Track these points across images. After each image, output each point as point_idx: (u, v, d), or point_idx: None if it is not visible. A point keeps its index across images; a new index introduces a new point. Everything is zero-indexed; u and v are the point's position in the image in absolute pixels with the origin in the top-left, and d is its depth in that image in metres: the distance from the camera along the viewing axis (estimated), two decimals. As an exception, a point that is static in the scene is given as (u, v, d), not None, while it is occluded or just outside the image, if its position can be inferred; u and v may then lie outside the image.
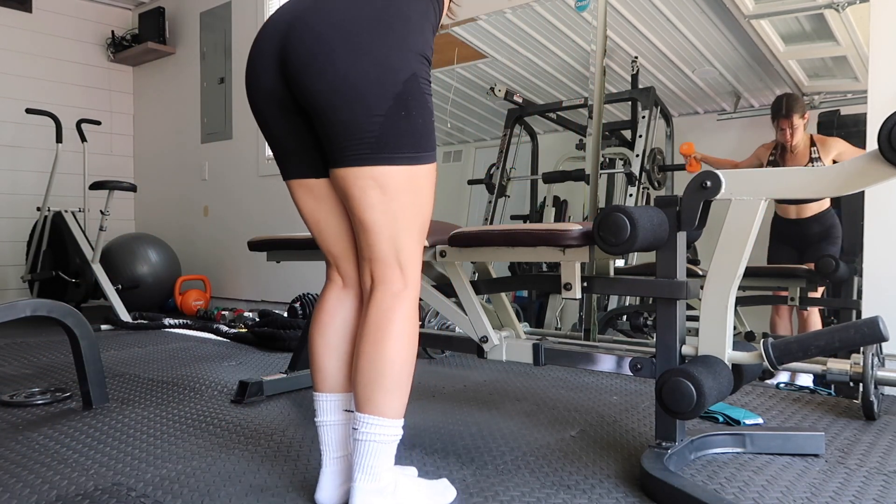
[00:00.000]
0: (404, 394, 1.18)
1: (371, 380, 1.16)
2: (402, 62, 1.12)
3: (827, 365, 1.88)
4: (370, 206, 1.15)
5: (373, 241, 1.18)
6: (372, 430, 1.15)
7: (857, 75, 2.27)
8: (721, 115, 2.64)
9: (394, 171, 1.13)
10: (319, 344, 1.30)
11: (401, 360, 1.17)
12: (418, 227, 1.20)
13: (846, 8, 2.28)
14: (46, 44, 4.90)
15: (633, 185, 2.79)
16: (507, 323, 1.82)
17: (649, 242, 1.33)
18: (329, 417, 1.28)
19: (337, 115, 1.11)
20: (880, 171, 1.18)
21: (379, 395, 1.16)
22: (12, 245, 4.75)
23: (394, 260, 1.18)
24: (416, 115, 1.14)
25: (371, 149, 1.11)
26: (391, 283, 1.19)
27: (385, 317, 1.17)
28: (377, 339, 1.16)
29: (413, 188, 1.16)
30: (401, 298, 1.18)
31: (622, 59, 2.83)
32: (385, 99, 1.10)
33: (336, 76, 1.10)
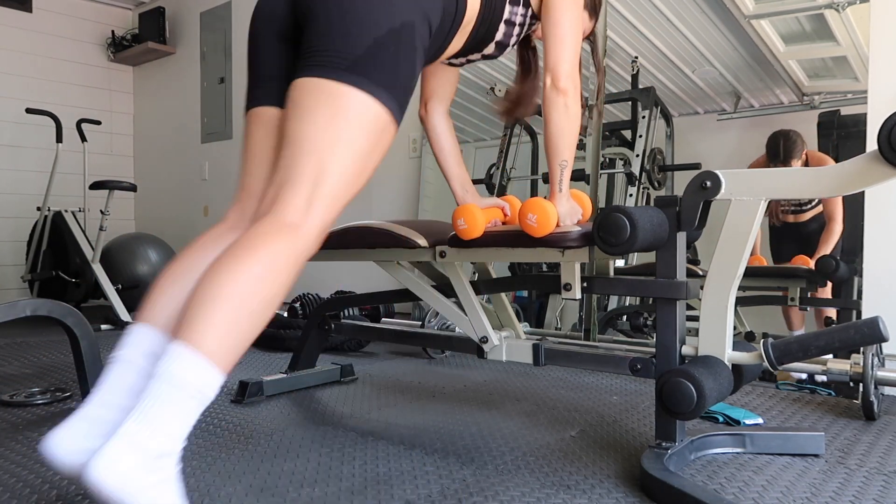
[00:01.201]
0: (236, 341, 0.94)
1: (203, 299, 0.93)
2: (405, 6, 1.13)
3: (827, 365, 1.88)
4: (315, 119, 1.04)
5: (295, 157, 1.04)
6: (178, 366, 0.88)
7: (857, 75, 2.27)
8: (721, 115, 2.64)
9: (357, 96, 1.06)
10: (167, 272, 1.12)
11: (248, 295, 0.94)
12: (355, 170, 1.07)
13: (846, 8, 2.28)
14: (46, 44, 4.91)
15: (633, 185, 2.79)
16: (507, 323, 1.82)
17: (649, 243, 1.34)
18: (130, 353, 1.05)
19: (331, 23, 1.08)
20: (880, 171, 1.18)
21: (205, 318, 0.91)
22: (12, 245, 4.76)
23: (308, 186, 1.03)
24: (402, 60, 1.10)
25: (347, 66, 1.06)
26: (289, 209, 1.02)
27: (257, 240, 0.98)
28: (233, 258, 0.96)
29: (371, 128, 1.07)
30: (288, 232, 1.00)
31: (622, 59, 2.83)
32: (380, 26, 1.08)
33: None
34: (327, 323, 2.15)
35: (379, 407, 1.95)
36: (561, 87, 1.38)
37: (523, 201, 1.48)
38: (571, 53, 1.39)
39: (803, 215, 2.44)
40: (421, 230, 1.73)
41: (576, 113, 1.41)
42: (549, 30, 1.41)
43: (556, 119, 1.40)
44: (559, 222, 1.45)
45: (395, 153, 3.72)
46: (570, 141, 1.42)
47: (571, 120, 1.40)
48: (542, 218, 1.41)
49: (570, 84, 1.38)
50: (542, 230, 1.42)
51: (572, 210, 1.49)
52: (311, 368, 2.23)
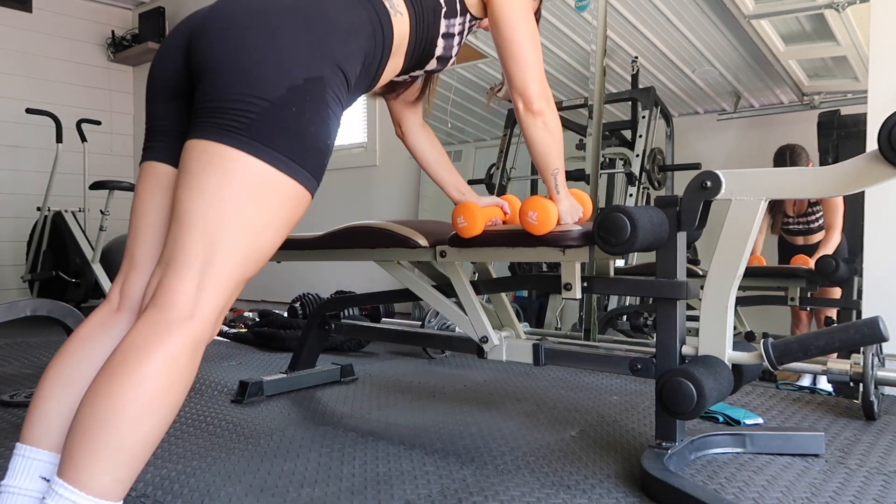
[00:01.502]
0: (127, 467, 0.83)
1: (83, 430, 0.82)
2: (312, 60, 1.00)
3: (827, 365, 1.88)
4: (201, 189, 0.91)
5: (183, 234, 0.91)
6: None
7: (857, 75, 2.27)
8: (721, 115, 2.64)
9: (253, 164, 0.92)
10: (49, 376, 0.98)
11: (137, 417, 0.82)
12: (248, 250, 0.94)
13: (846, 8, 2.28)
14: (46, 44, 4.90)
15: (633, 185, 2.79)
16: (507, 323, 1.82)
17: (649, 242, 1.34)
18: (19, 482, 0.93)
19: (225, 79, 0.95)
20: (880, 171, 1.18)
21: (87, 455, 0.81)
22: (12, 245, 4.76)
23: (195, 271, 0.90)
24: (307, 121, 0.97)
25: (240, 128, 0.93)
26: (176, 302, 0.88)
27: (141, 347, 0.85)
28: (116, 373, 0.83)
29: (266, 198, 0.94)
30: (176, 329, 0.87)
31: (622, 59, 2.83)
32: (279, 85, 0.95)
33: (238, 43, 0.97)
34: (327, 323, 2.16)
35: (379, 407, 1.95)
36: (535, 110, 1.34)
37: (523, 200, 1.48)
38: (537, 70, 1.33)
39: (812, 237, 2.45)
40: (421, 230, 1.73)
41: (556, 126, 1.38)
42: (506, 49, 1.32)
43: (538, 140, 1.38)
44: (560, 220, 1.45)
45: (395, 153, 3.72)
46: (557, 152, 1.40)
47: (553, 134, 1.38)
48: (543, 216, 1.41)
49: (544, 103, 1.34)
50: (543, 228, 1.42)
51: (573, 208, 1.49)
52: (311, 368, 2.23)
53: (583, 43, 2.91)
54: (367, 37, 1.12)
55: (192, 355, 0.89)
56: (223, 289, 0.91)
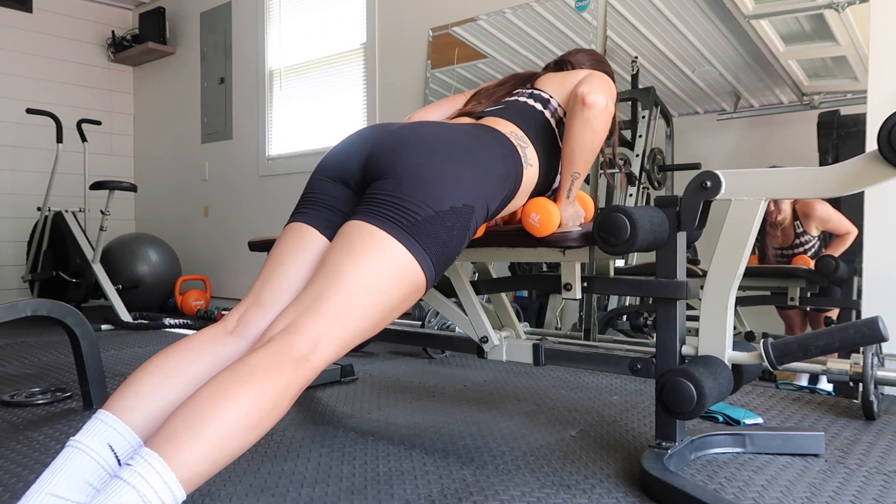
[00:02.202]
0: (212, 466, 0.87)
1: (195, 416, 0.87)
2: (472, 193, 1.20)
3: (827, 365, 1.88)
4: (359, 262, 1.05)
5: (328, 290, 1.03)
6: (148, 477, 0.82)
7: (857, 75, 2.27)
8: (721, 115, 2.64)
9: (405, 255, 1.09)
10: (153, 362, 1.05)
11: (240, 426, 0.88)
12: (372, 322, 1.06)
13: (846, 8, 2.28)
14: (47, 44, 4.91)
15: (633, 185, 2.79)
16: (507, 323, 1.83)
17: (649, 242, 1.34)
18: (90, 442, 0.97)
19: (403, 184, 1.14)
20: (880, 171, 1.18)
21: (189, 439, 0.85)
22: (13, 245, 4.76)
23: (330, 319, 1.01)
24: (454, 237, 1.16)
25: (406, 225, 1.10)
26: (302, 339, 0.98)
27: (268, 370, 0.93)
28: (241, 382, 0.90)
29: (404, 283, 1.09)
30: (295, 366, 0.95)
31: (622, 59, 2.83)
32: (445, 202, 1.15)
33: (426, 160, 1.17)
34: (327, 323, 2.15)
35: (379, 407, 1.95)
36: (588, 101, 1.37)
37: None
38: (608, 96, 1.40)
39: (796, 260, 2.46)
40: (421, 230, 1.73)
41: (596, 128, 1.39)
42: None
43: (576, 131, 1.40)
44: (562, 223, 1.45)
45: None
46: (588, 156, 1.43)
47: (591, 134, 1.39)
48: (545, 218, 1.42)
49: (600, 101, 1.37)
50: (545, 230, 1.42)
51: (576, 214, 1.50)
52: (311, 368, 2.23)
53: (583, 43, 2.91)
54: (510, 185, 1.34)
55: (297, 392, 0.97)
56: (342, 345, 1.03)
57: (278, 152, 4.33)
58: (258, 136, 4.41)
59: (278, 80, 4.33)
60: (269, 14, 4.37)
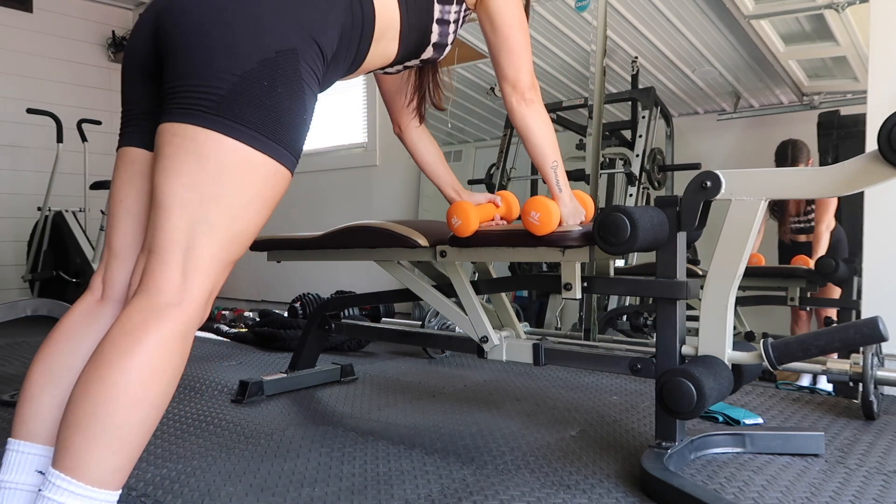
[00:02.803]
0: (124, 454, 0.82)
1: (77, 419, 0.81)
2: (283, 31, 0.96)
3: (827, 365, 1.88)
4: (177, 174, 0.89)
5: (164, 220, 0.89)
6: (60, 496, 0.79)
7: (857, 75, 2.27)
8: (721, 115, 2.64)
9: (226, 144, 0.90)
10: (36, 370, 0.97)
11: (130, 403, 0.82)
12: (230, 231, 0.92)
13: (846, 8, 2.28)
14: (47, 44, 4.91)
15: (633, 185, 2.79)
16: (507, 323, 1.83)
17: (649, 242, 1.34)
18: (15, 477, 0.92)
19: (192, 57, 0.92)
20: (880, 171, 1.18)
21: (83, 444, 0.80)
22: (13, 245, 4.76)
23: (178, 256, 0.88)
24: (281, 95, 0.94)
25: (211, 107, 0.90)
26: (162, 288, 0.88)
27: (132, 334, 0.84)
28: (108, 361, 0.82)
29: (245, 178, 0.91)
30: (165, 315, 0.86)
31: (622, 59, 2.83)
32: (248, 58, 0.92)
33: (205, 17, 0.93)
34: (327, 323, 2.16)
35: (379, 407, 1.95)
36: (528, 99, 1.39)
37: (523, 200, 1.49)
38: (528, 61, 1.39)
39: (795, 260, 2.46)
40: (421, 230, 1.73)
41: (546, 117, 1.43)
42: (498, 40, 1.39)
43: (532, 129, 1.41)
44: (562, 221, 1.45)
45: (395, 153, 3.72)
46: (553, 143, 1.44)
47: (546, 124, 1.42)
48: (545, 217, 1.41)
49: (534, 93, 1.40)
50: (545, 229, 1.42)
51: (576, 210, 1.49)
52: (311, 368, 2.23)
53: (583, 43, 2.91)
54: (344, 9, 1.07)
55: (183, 341, 0.88)
56: (209, 273, 0.90)
57: (278, 152, 4.33)
58: (258, 136, 4.40)
59: (278, 80, 4.32)
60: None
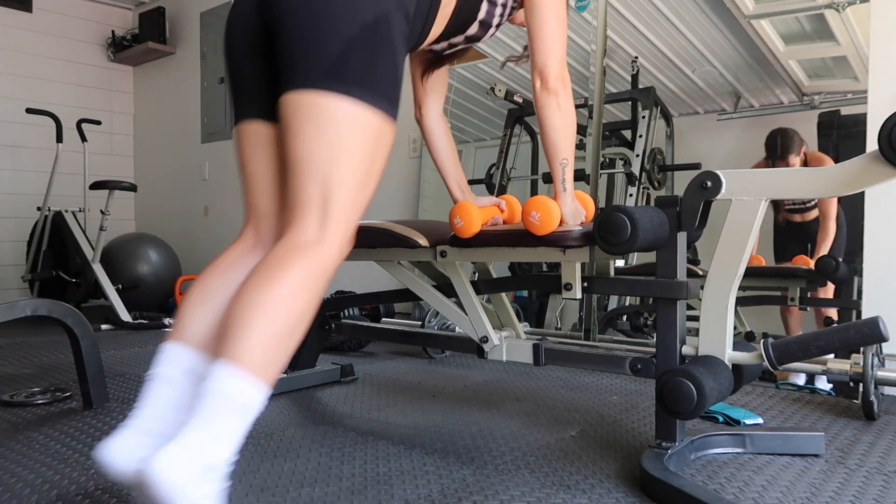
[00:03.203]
0: (276, 356, 0.97)
1: (240, 322, 0.95)
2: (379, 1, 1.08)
3: (827, 365, 1.88)
4: (308, 137, 1.03)
5: (300, 180, 1.04)
6: (226, 383, 0.92)
7: (857, 75, 2.27)
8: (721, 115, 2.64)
9: (345, 104, 1.04)
10: (197, 289, 1.13)
11: (287, 313, 0.98)
12: (357, 180, 1.06)
13: (846, 8, 2.28)
14: (47, 44, 4.91)
15: (633, 185, 2.79)
16: (507, 323, 1.82)
17: (649, 242, 1.34)
18: (167, 371, 1.07)
19: (302, 30, 1.05)
20: (880, 171, 1.18)
21: (245, 339, 0.94)
22: (13, 245, 4.76)
23: (318, 205, 1.03)
24: (380, 58, 1.07)
25: (327, 73, 1.03)
26: (304, 229, 1.03)
27: (280, 263, 1.00)
28: (263, 283, 0.98)
29: (363, 133, 1.06)
30: (308, 251, 1.01)
31: (622, 59, 2.83)
32: (351, 25, 1.04)
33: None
34: (327, 323, 2.16)
35: (379, 407, 1.95)
36: (551, 88, 1.39)
37: (523, 200, 1.48)
38: (560, 52, 1.39)
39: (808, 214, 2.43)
40: (421, 230, 1.73)
41: (569, 111, 1.41)
42: (536, 29, 1.39)
43: (550, 120, 1.41)
44: (563, 221, 1.44)
45: (395, 153, 3.72)
46: (568, 139, 1.43)
47: (566, 118, 1.41)
48: (546, 216, 1.41)
49: (560, 84, 1.39)
50: (545, 228, 1.42)
51: (576, 211, 1.49)
52: (311, 368, 2.23)
53: (583, 43, 2.91)
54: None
55: (321, 275, 1.02)
56: (344, 217, 1.05)
57: (278, 152, 4.33)
58: (258, 136, 4.40)
59: (278, 80, 4.33)
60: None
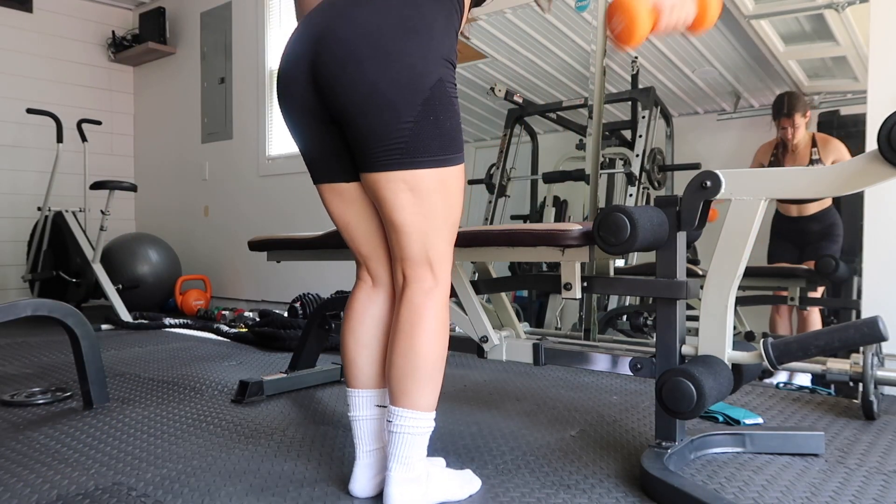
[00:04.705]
0: (436, 387, 1.23)
1: (404, 374, 1.20)
2: (429, 68, 1.15)
3: (827, 365, 1.88)
4: (402, 208, 1.19)
5: (404, 242, 1.22)
6: (406, 422, 1.20)
7: (857, 75, 2.27)
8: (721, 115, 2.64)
9: (424, 174, 1.17)
10: (350, 342, 1.33)
11: (433, 355, 1.21)
12: (449, 226, 1.23)
13: (846, 8, 2.28)
14: (47, 44, 4.91)
15: (633, 185, 2.79)
16: (507, 323, 1.83)
17: (649, 242, 1.34)
18: (362, 412, 1.32)
19: (368, 123, 1.15)
20: (880, 171, 1.18)
21: (412, 388, 1.20)
22: (13, 245, 4.76)
23: (424, 259, 1.22)
24: (443, 119, 1.17)
25: (401, 154, 1.15)
26: (422, 280, 1.23)
27: (416, 313, 1.21)
28: (409, 334, 1.21)
29: (443, 189, 1.19)
30: (432, 295, 1.23)
31: (622, 59, 2.83)
32: (413, 105, 1.14)
33: (366, 86, 1.13)
34: (327, 323, 2.16)
35: (379, 407, 1.95)
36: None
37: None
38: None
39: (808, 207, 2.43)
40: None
41: None
42: None
43: None
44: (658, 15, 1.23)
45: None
46: None
47: None
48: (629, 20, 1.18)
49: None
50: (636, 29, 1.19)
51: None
52: (311, 368, 2.23)
53: (583, 43, 2.91)
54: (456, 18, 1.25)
55: (445, 307, 1.25)
56: (445, 261, 1.24)
57: (278, 152, 4.33)
58: (258, 136, 4.41)
59: (278, 80, 4.33)
60: (269, 14, 4.37)
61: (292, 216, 4.18)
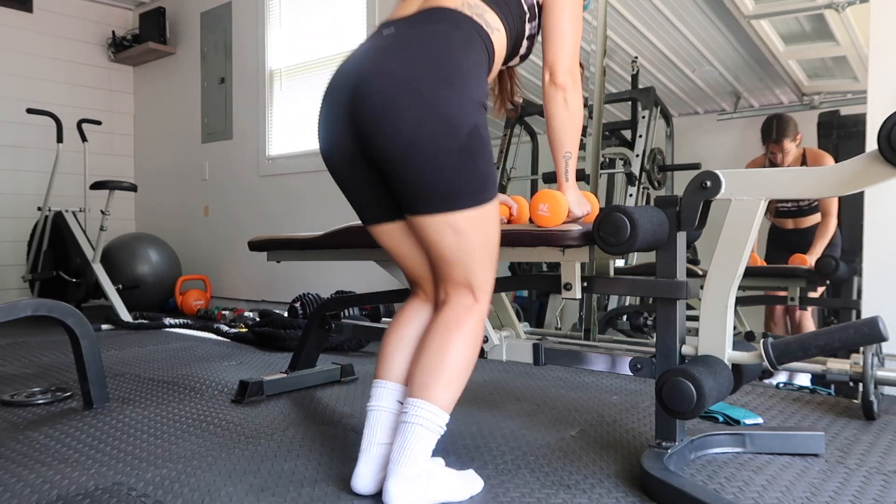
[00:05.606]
0: (457, 391, 1.27)
1: (430, 369, 1.26)
2: (465, 115, 1.22)
3: (827, 365, 1.88)
4: (446, 246, 1.27)
5: (448, 271, 1.31)
6: (421, 412, 1.23)
7: (857, 75, 2.27)
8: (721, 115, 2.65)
9: (465, 215, 1.25)
10: (393, 338, 1.40)
11: (462, 361, 1.27)
12: (489, 256, 1.32)
13: (846, 8, 2.28)
14: (47, 44, 4.91)
15: (633, 185, 2.79)
16: (507, 323, 1.83)
17: (649, 242, 1.34)
18: (382, 403, 1.34)
19: (408, 173, 1.22)
20: (880, 171, 1.18)
21: (434, 384, 1.25)
22: (13, 245, 4.76)
23: (466, 283, 1.31)
24: (479, 163, 1.24)
25: (442, 199, 1.23)
26: (464, 299, 1.32)
27: (455, 321, 1.30)
28: (445, 336, 1.28)
29: (483, 224, 1.28)
30: (471, 311, 1.31)
31: (622, 59, 2.84)
32: (451, 154, 1.21)
33: (405, 138, 1.20)
34: (327, 323, 2.16)
35: (379, 407, 1.95)
36: (559, 83, 1.41)
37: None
38: (571, 48, 1.42)
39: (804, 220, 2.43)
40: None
41: (576, 107, 1.43)
42: (549, 26, 1.44)
43: (555, 114, 1.43)
44: (570, 212, 1.44)
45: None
46: (573, 133, 1.45)
47: (572, 113, 1.43)
48: (554, 206, 1.41)
49: (569, 79, 1.41)
50: (555, 219, 1.41)
51: (580, 200, 1.50)
52: (311, 368, 2.23)
53: (583, 43, 2.91)
54: (486, 65, 1.33)
55: (481, 325, 1.33)
56: (486, 287, 1.33)
57: (278, 152, 4.33)
58: (258, 136, 4.41)
59: (278, 80, 4.33)
60: (269, 14, 4.37)
61: (292, 216, 4.18)
